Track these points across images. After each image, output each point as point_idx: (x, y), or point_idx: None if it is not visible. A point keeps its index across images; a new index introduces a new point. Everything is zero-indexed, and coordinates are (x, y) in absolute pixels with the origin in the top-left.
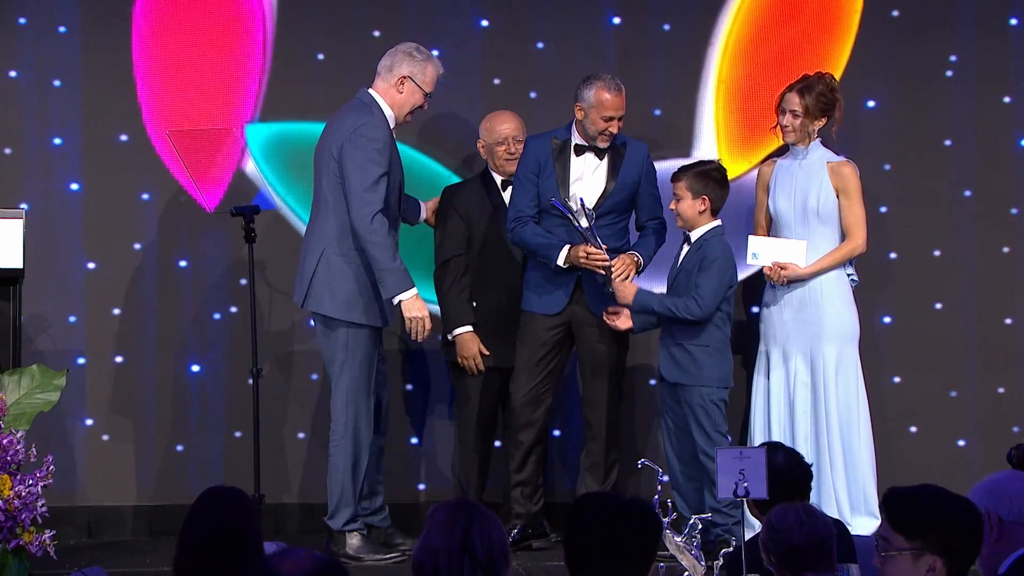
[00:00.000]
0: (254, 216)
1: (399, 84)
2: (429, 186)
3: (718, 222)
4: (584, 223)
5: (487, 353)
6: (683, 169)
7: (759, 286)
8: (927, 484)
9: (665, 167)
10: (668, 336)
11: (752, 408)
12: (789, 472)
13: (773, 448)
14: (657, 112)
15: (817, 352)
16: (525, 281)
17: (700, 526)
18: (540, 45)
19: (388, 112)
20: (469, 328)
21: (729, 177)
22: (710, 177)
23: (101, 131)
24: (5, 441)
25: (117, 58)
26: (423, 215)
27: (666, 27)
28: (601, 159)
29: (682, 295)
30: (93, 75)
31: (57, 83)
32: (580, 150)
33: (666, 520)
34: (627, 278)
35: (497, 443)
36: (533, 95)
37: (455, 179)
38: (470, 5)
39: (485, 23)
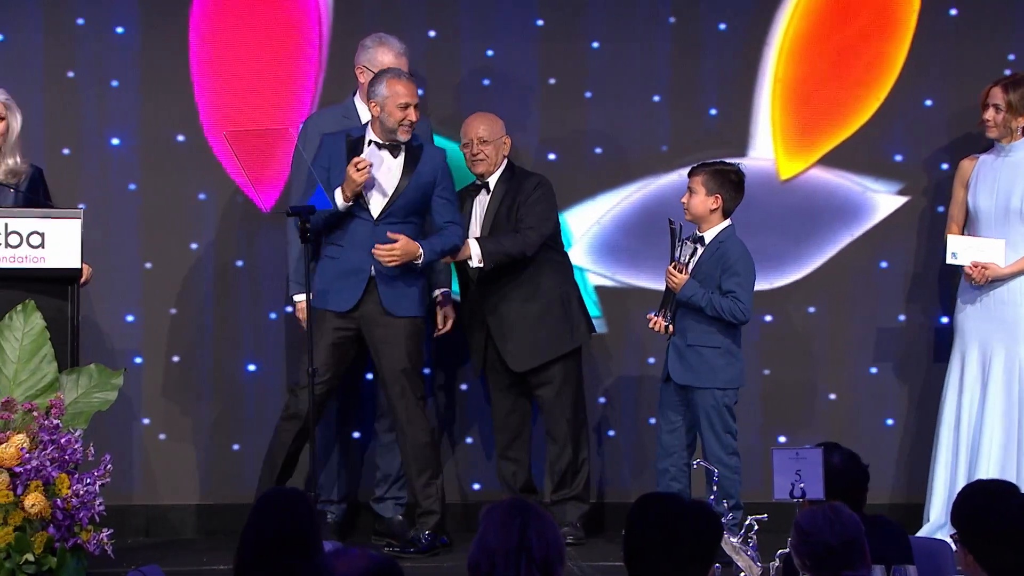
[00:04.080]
0: (310, 216)
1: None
2: None
3: (729, 222)
4: (685, 254)
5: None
6: (702, 165)
7: (953, 286)
8: (997, 480)
9: None
10: (680, 337)
11: (943, 404)
12: (846, 473)
13: (830, 448)
14: (713, 112)
15: (1013, 352)
16: (316, 272)
17: (756, 527)
18: (595, 45)
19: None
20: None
21: (785, 177)
22: (727, 178)
23: (158, 131)
24: (63, 440)
25: (174, 58)
26: None
27: (722, 26)
28: (396, 157)
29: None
30: (150, 75)
31: (115, 83)
32: (377, 147)
33: (722, 521)
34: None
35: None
36: (588, 95)
37: None
38: (525, 5)
39: (540, 22)
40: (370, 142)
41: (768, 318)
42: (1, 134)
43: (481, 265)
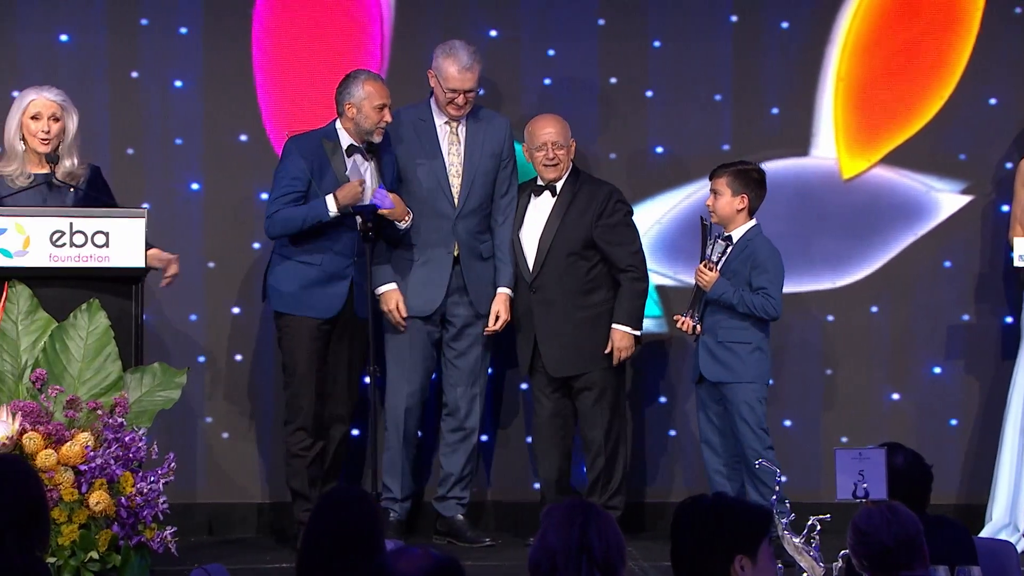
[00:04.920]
0: (372, 215)
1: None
2: None
3: (755, 221)
4: (715, 253)
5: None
6: (723, 167)
7: (1018, 286)
8: None
9: (782, 165)
10: (710, 336)
11: (1008, 404)
12: (909, 473)
13: (893, 449)
14: (775, 111)
15: None
16: (275, 279)
17: (819, 527)
18: (657, 44)
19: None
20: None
21: (847, 176)
22: (751, 177)
23: (221, 131)
24: (127, 438)
25: (237, 59)
26: None
27: (784, 25)
28: (369, 161)
29: None
30: (214, 76)
31: (178, 84)
32: (351, 151)
33: (784, 521)
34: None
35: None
36: (649, 94)
37: None
38: (586, 4)
39: (601, 22)
40: (350, 148)
41: (831, 318)
42: (58, 135)
43: (639, 332)
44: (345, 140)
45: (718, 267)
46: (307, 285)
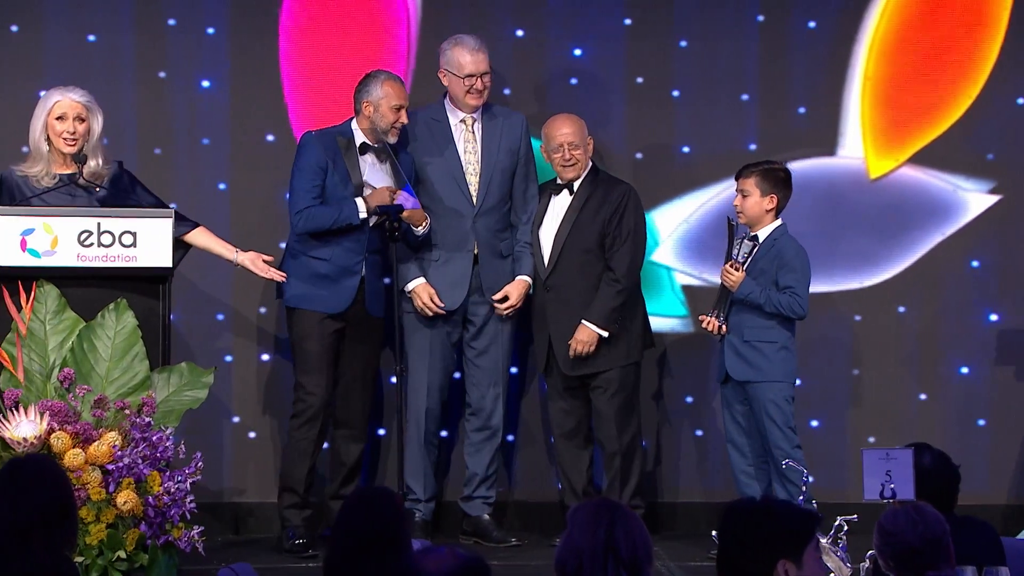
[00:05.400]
0: (397, 215)
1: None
2: None
3: (781, 221)
4: (741, 252)
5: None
6: (750, 167)
7: None
8: None
9: (809, 165)
10: (736, 335)
11: None
12: (937, 473)
13: (921, 449)
14: (801, 110)
15: None
16: (290, 273)
17: (846, 527)
18: (683, 43)
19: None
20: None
21: (875, 176)
22: (778, 176)
23: (248, 131)
24: (155, 438)
25: (264, 58)
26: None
27: (811, 24)
28: (383, 161)
29: None
30: (241, 75)
31: (205, 84)
32: (364, 149)
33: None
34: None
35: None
36: (676, 94)
37: None
38: (613, 4)
39: (628, 21)
40: (363, 146)
41: (858, 318)
42: (83, 136)
43: (608, 333)
44: (359, 139)
45: (744, 267)
46: (316, 279)
